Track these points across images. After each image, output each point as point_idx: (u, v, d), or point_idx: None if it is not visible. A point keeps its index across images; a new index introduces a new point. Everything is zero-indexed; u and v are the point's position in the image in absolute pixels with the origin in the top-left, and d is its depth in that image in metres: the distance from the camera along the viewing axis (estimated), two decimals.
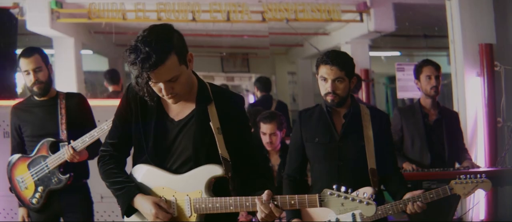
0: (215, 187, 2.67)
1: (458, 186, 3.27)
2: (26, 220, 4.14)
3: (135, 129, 2.72)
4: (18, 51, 6.28)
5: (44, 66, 3.99)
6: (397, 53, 12.37)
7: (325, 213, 3.39)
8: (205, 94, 2.70)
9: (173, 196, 2.66)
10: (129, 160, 2.88)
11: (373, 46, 10.02)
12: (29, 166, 4.01)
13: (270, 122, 4.77)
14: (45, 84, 4.01)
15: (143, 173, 2.74)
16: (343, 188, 2.48)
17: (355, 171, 3.37)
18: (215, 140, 2.63)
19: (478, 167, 4.62)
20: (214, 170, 2.63)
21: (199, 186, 2.63)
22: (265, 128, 4.79)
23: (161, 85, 2.48)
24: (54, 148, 3.96)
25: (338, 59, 3.32)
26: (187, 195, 2.64)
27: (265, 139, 4.79)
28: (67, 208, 4.05)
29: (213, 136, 2.63)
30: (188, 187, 2.64)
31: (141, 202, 2.65)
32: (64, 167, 3.95)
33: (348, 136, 3.42)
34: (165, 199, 2.67)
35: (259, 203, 2.51)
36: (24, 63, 3.94)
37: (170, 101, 2.58)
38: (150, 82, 2.46)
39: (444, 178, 4.18)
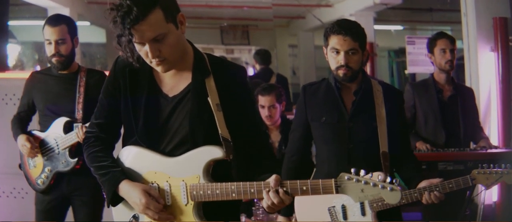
0: (215, 171, 2.37)
1: (480, 176, 3.02)
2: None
3: (124, 106, 2.42)
4: (10, 23, 6.25)
5: (68, 39, 3.70)
6: (400, 27, 12.17)
7: (322, 205, 3.16)
8: (203, 66, 2.39)
9: (167, 181, 2.36)
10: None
11: (378, 19, 9.80)
12: (41, 144, 3.74)
13: (269, 94, 4.50)
14: (66, 58, 3.72)
15: (132, 155, 2.44)
16: (362, 172, 2.16)
17: (367, 154, 3.08)
18: (214, 117, 2.33)
19: (495, 147, 4.41)
20: (213, 152, 2.32)
21: (196, 170, 2.32)
22: (263, 100, 4.51)
23: (147, 48, 2.20)
24: (69, 128, 3.68)
25: (352, 29, 3.01)
26: (183, 181, 2.33)
27: (264, 113, 4.52)
28: (76, 192, 3.78)
29: (212, 113, 2.33)
30: (184, 171, 2.33)
31: (128, 189, 2.35)
32: (75, 149, 3.66)
33: (359, 115, 3.12)
34: (158, 185, 2.37)
35: (266, 190, 2.21)
36: (48, 32, 3.65)
37: (159, 69, 2.28)
38: (134, 41, 2.19)
39: (461, 159, 4.01)
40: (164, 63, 2.26)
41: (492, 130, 5.74)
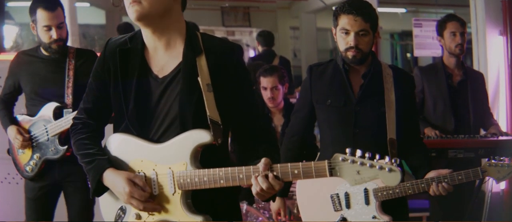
0: (208, 155, 2.23)
1: (492, 169, 2.91)
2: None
3: (114, 90, 2.29)
4: (8, 4, 6.13)
5: (64, 21, 3.57)
6: (403, 10, 12.03)
7: (324, 192, 3.03)
8: (194, 44, 2.25)
9: (154, 169, 2.23)
10: None
11: (381, 2, 9.64)
12: (30, 129, 3.60)
13: (271, 75, 4.40)
14: (64, 42, 3.58)
15: (119, 143, 2.32)
16: (358, 152, 1.97)
17: (373, 141, 2.96)
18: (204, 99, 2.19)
19: (506, 134, 4.29)
20: (200, 137, 2.16)
21: (183, 156, 2.17)
22: (265, 82, 4.41)
23: None
24: (59, 113, 3.54)
25: (363, 9, 2.88)
26: (170, 168, 2.19)
27: (266, 95, 4.42)
28: (69, 178, 3.67)
29: (202, 94, 2.19)
30: (171, 158, 2.20)
31: (112, 178, 2.23)
32: (65, 136, 3.52)
33: (366, 100, 3.00)
34: (144, 174, 2.24)
35: (255, 175, 2.07)
36: (47, 18, 3.48)
37: (132, 12, 2.14)
38: None
39: (471, 146, 3.87)
40: (138, 6, 2.13)
41: (501, 115, 5.64)
